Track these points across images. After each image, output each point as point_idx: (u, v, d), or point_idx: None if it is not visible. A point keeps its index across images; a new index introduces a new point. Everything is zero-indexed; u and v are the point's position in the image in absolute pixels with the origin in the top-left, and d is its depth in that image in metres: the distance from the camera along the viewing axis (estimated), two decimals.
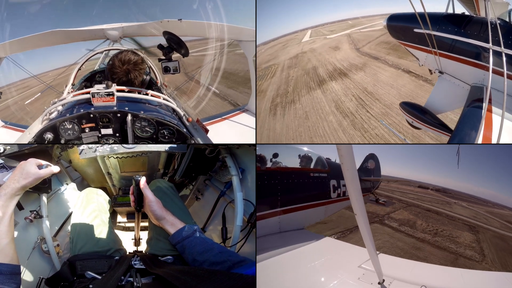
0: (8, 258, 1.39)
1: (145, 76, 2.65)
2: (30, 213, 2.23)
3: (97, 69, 3.73)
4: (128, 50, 2.46)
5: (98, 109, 2.15)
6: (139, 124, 2.20)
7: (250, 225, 2.27)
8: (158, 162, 2.80)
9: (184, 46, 2.91)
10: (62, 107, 2.34)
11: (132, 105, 2.24)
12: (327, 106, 11.80)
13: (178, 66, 3.11)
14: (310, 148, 4.41)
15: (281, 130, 10.92)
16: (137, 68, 2.39)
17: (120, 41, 4.13)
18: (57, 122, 2.14)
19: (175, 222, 1.79)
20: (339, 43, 23.24)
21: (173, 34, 2.90)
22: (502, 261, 9.35)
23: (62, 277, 1.72)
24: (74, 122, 2.14)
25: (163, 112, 2.37)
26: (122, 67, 2.34)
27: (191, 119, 2.53)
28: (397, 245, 9.42)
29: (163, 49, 2.98)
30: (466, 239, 11.10)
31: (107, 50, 3.86)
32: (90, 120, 2.16)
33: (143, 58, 2.47)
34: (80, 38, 4.25)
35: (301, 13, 68.94)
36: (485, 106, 2.91)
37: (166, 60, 3.06)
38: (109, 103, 2.16)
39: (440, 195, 23.77)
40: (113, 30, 4.02)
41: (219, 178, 2.77)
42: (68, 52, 5.89)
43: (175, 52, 3.01)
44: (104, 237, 2.05)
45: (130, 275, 1.57)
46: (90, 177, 2.89)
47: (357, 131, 9.36)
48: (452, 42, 3.52)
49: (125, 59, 2.35)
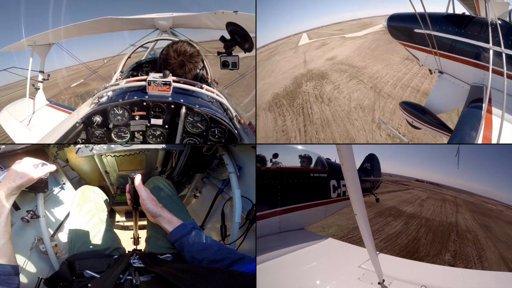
0: (5, 259, 1.38)
1: (198, 70, 2.56)
2: (27, 213, 2.20)
3: (145, 59, 3.65)
4: (183, 41, 2.39)
5: (153, 98, 2.08)
6: (192, 118, 2.11)
7: (248, 222, 2.27)
8: (156, 160, 2.79)
9: (250, 40, 2.74)
10: (113, 93, 2.29)
11: (187, 98, 2.17)
12: None
13: (237, 61, 2.90)
14: (310, 148, 4.41)
15: None
16: (192, 60, 2.32)
17: (169, 32, 4.02)
18: (109, 106, 2.08)
19: (172, 219, 1.77)
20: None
21: (238, 25, 2.73)
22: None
23: (61, 277, 1.71)
24: (126, 108, 2.09)
25: (216, 109, 2.29)
26: (177, 58, 2.28)
27: (243, 121, 2.42)
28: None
29: (225, 41, 2.81)
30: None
31: (157, 40, 3.75)
32: (142, 108, 2.10)
33: (198, 50, 2.39)
34: (130, 27, 4.20)
35: (290, 17, 59.98)
36: (485, 106, 2.91)
37: (226, 54, 2.86)
38: (164, 92, 2.10)
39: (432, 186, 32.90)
40: (163, 19, 3.90)
41: (217, 175, 2.77)
42: (113, 42, 5.92)
43: (238, 46, 2.82)
44: (102, 235, 2.04)
45: (129, 273, 1.56)
46: (88, 176, 2.88)
47: None
48: (452, 42, 3.52)
49: (181, 50, 2.29)
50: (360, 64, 15.50)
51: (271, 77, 16.34)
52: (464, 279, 2.53)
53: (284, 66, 18.28)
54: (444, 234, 12.12)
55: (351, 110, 10.68)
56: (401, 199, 20.35)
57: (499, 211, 25.53)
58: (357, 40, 21.46)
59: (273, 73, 17.10)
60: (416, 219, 14.50)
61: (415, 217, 14.95)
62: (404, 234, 11.21)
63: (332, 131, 9.66)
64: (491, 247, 11.20)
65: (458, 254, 9.73)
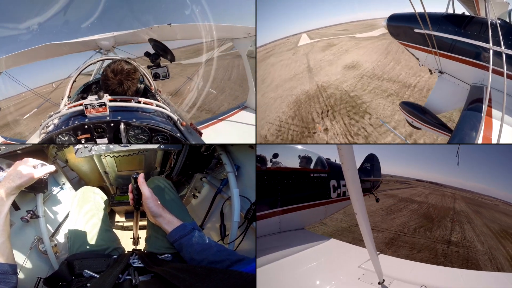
0: (3, 258, 1.38)
1: (139, 85, 2.66)
2: (27, 213, 2.22)
3: (93, 80, 3.74)
4: (120, 59, 2.46)
5: (92, 120, 2.19)
6: (133, 132, 2.23)
7: (247, 221, 2.28)
8: (155, 161, 2.81)
9: (170, 52, 2.99)
10: (58, 120, 2.36)
11: (125, 114, 2.27)
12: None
13: (167, 71, 3.18)
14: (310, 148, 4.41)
15: None
16: (130, 78, 2.39)
17: (113, 50, 4.17)
18: (54, 134, 2.18)
19: (172, 220, 1.78)
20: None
21: (158, 41, 2.99)
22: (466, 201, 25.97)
23: (60, 277, 1.71)
24: (70, 133, 2.18)
25: (157, 118, 2.40)
26: (115, 78, 2.34)
27: (185, 123, 2.55)
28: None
29: (149, 56, 3.05)
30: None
31: (100, 60, 3.87)
32: (85, 131, 2.20)
33: (135, 67, 2.47)
34: (74, 50, 4.28)
35: (288, 18, 54.71)
36: (485, 106, 2.91)
37: (155, 66, 3.13)
38: (102, 113, 2.19)
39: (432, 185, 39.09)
40: (105, 40, 4.07)
41: (215, 175, 2.78)
42: (62, 65, 5.90)
43: (162, 58, 3.08)
44: (101, 235, 2.04)
45: (128, 273, 1.56)
46: (87, 176, 2.89)
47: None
48: (452, 42, 3.52)
49: (118, 69, 2.35)
50: (406, 77, 9.05)
51: (259, 93, 9.07)
52: (463, 279, 2.53)
53: (280, 75, 12.14)
54: (446, 211, 19.22)
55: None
56: (410, 193, 26.60)
57: (494, 204, 31.69)
58: (376, 42, 16.24)
59: (263, 86, 10.48)
60: (425, 204, 21.48)
61: (424, 203, 21.89)
62: (420, 210, 18.26)
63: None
64: (478, 219, 17.41)
65: (456, 219, 15.93)
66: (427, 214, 17.09)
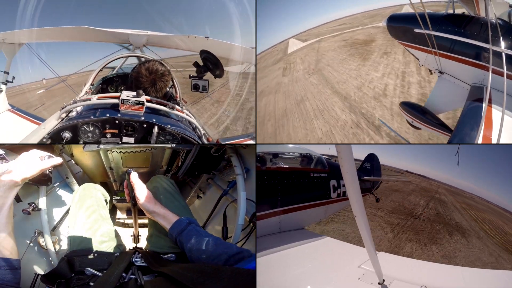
0: (7, 252, 1.34)
1: (168, 89, 2.63)
2: (28, 206, 2.17)
3: (115, 73, 3.70)
4: (155, 60, 2.44)
5: (125, 116, 2.11)
6: (163, 137, 2.16)
7: (252, 225, 2.26)
8: (162, 159, 2.77)
9: (221, 68, 2.91)
10: (82, 108, 2.30)
11: (159, 118, 2.22)
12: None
13: (207, 85, 3.11)
14: (310, 148, 4.41)
15: None
16: (163, 79, 2.37)
17: (142, 48, 4.12)
18: (79, 122, 2.09)
19: (166, 214, 1.74)
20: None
21: (211, 54, 2.88)
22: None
23: (59, 274, 1.66)
24: (97, 125, 2.10)
25: (188, 128, 2.36)
26: (148, 76, 2.33)
27: (211, 139, 2.51)
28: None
29: (198, 67, 2.97)
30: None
31: (130, 56, 3.84)
32: (114, 126, 2.12)
33: (169, 70, 2.45)
34: (104, 39, 4.25)
35: (271, 26, 52.12)
36: (485, 106, 2.91)
37: (197, 78, 3.06)
38: (137, 112, 2.13)
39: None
40: (138, 37, 4.03)
41: (223, 177, 2.76)
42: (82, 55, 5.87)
43: (210, 72, 2.99)
44: (102, 232, 2.01)
45: (132, 272, 1.54)
46: (92, 171, 2.85)
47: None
48: (452, 42, 3.53)
49: (153, 69, 2.33)
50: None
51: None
52: (464, 279, 2.53)
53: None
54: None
55: None
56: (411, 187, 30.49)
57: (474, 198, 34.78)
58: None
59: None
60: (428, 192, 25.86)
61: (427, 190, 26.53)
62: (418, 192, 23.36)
63: None
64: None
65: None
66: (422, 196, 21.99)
